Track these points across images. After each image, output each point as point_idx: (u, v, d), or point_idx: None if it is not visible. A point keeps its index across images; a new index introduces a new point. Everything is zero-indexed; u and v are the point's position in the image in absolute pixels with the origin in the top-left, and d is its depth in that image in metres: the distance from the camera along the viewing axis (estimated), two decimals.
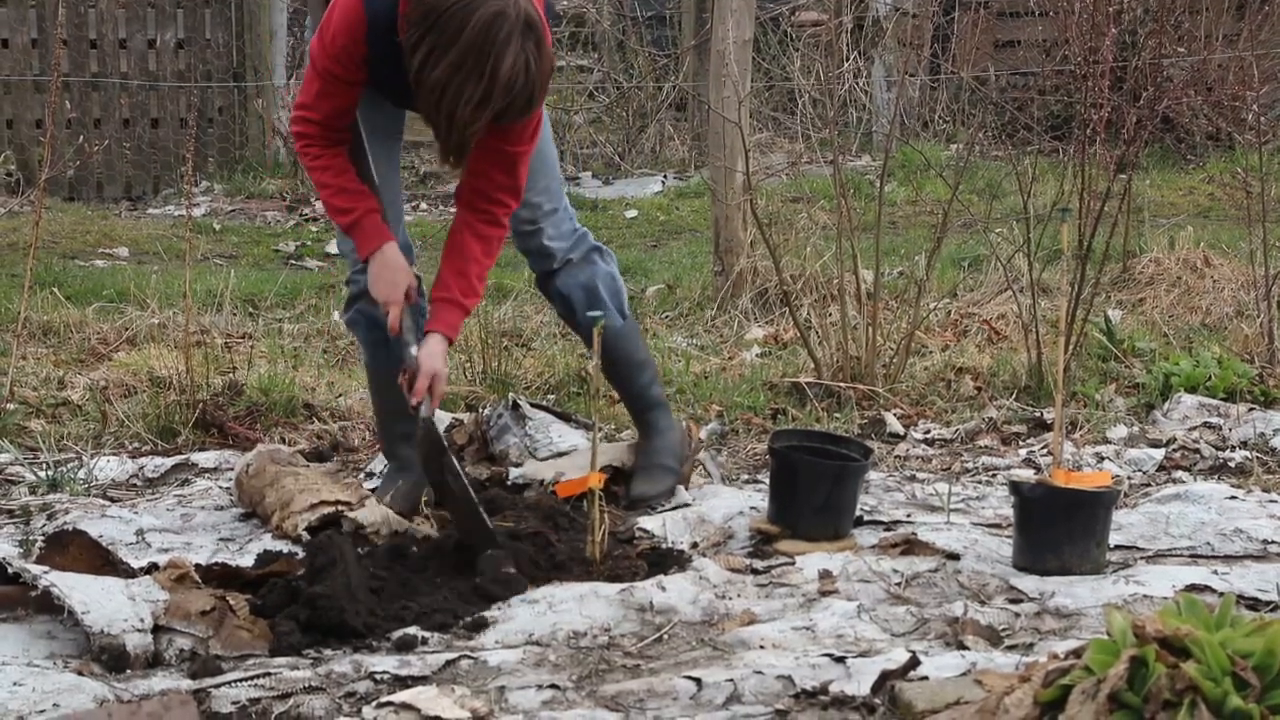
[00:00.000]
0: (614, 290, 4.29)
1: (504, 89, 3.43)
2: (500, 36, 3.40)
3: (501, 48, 3.40)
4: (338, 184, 3.83)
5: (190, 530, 4.22)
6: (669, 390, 4.70)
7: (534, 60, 3.46)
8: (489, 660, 3.16)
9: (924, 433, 5.16)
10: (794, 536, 3.95)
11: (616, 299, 4.29)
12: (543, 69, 3.50)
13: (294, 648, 3.24)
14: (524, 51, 3.42)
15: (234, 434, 5.05)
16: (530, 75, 3.46)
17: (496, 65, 3.41)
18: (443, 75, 3.43)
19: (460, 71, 3.42)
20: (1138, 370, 5.62)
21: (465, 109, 3.44)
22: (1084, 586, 3.56)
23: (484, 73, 3.41)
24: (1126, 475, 4.61)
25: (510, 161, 3.77)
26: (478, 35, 3.40)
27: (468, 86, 3.42)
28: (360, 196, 3.82)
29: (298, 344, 6.34)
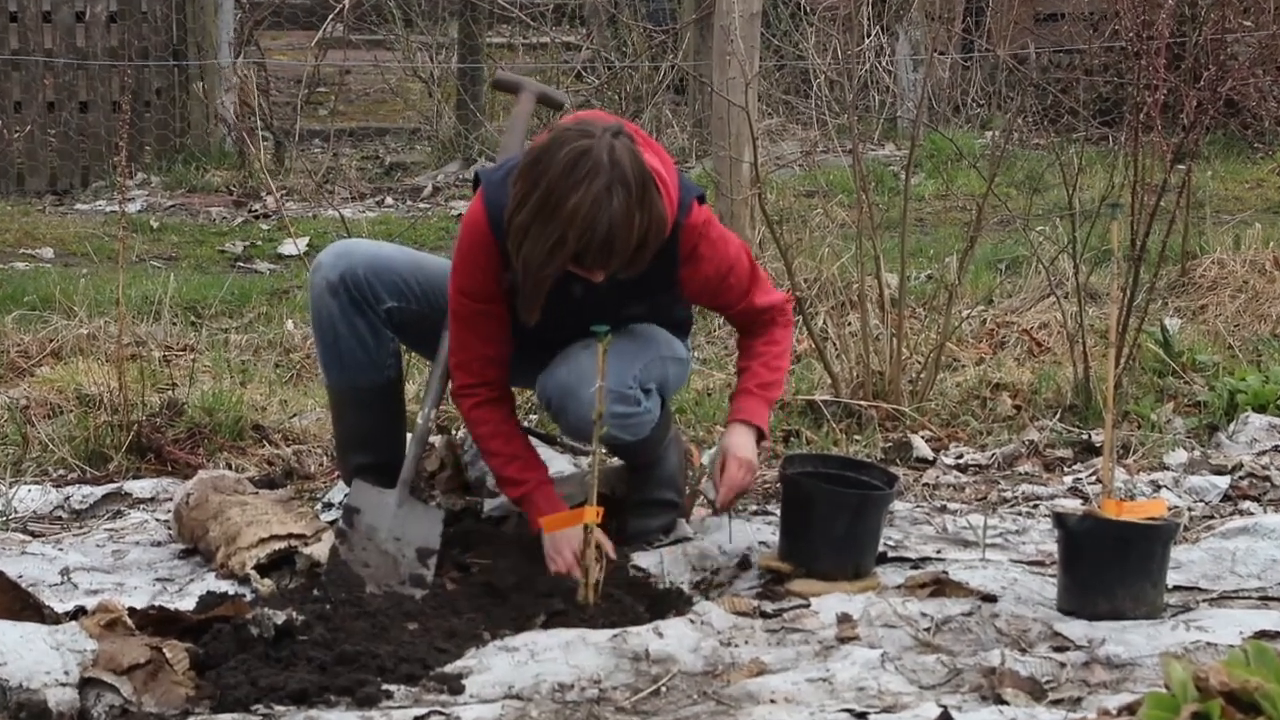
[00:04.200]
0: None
1: (575, 228, 3.63)
2: (579, 174, 3.63)
3: (576, 184, 3.63)
4: (508, 452, 4.10)
5: (123, 569, 4.21)
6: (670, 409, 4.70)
7: (618, 202, 3.63)
8: (463, 717, 3.15)
9: (956, 458, 5.15)
10: (809, 575, 3.94)
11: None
12: (626, 214, 3.64)
13: (241, 703, 3.23)
14: (607, 193, 3.62)
15: (173, 459, 5.04)
16: (607, 217, 3.63)
17: (563, 200, 3.63)
18: (525, 218, 3.68)
19: (538, 210, 3.66)
20: (1199, 387, 5.62)
21: (536, 247, 3.68)
22: (1139, 633, 3.55)
23: (554, 207, 3.64)
24: (1186, 506, 4.61)
25: (744, 314, 4.18)
26: (558, 170, 3.64)
27: (537, 223, 3.66)
28: (531, 466, 4.09)
29: (246, 357, 6.33)
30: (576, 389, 3.93)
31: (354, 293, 4.21)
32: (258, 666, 3.36)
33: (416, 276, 4.27)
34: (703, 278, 4.02)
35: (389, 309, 4.24)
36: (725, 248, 4.05)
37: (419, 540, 4.05)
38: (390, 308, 4.24)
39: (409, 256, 4.36)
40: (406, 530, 4.07)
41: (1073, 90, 9.96)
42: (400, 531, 4.06)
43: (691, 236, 3.95)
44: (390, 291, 4.24)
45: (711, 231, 4.01)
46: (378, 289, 4.23)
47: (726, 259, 4.04)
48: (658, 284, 3.99)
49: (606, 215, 3.63)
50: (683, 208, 3.91)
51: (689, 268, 3.99)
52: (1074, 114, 8.78)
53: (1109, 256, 4.94)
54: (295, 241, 7.77)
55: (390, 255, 4.31)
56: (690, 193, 3.96)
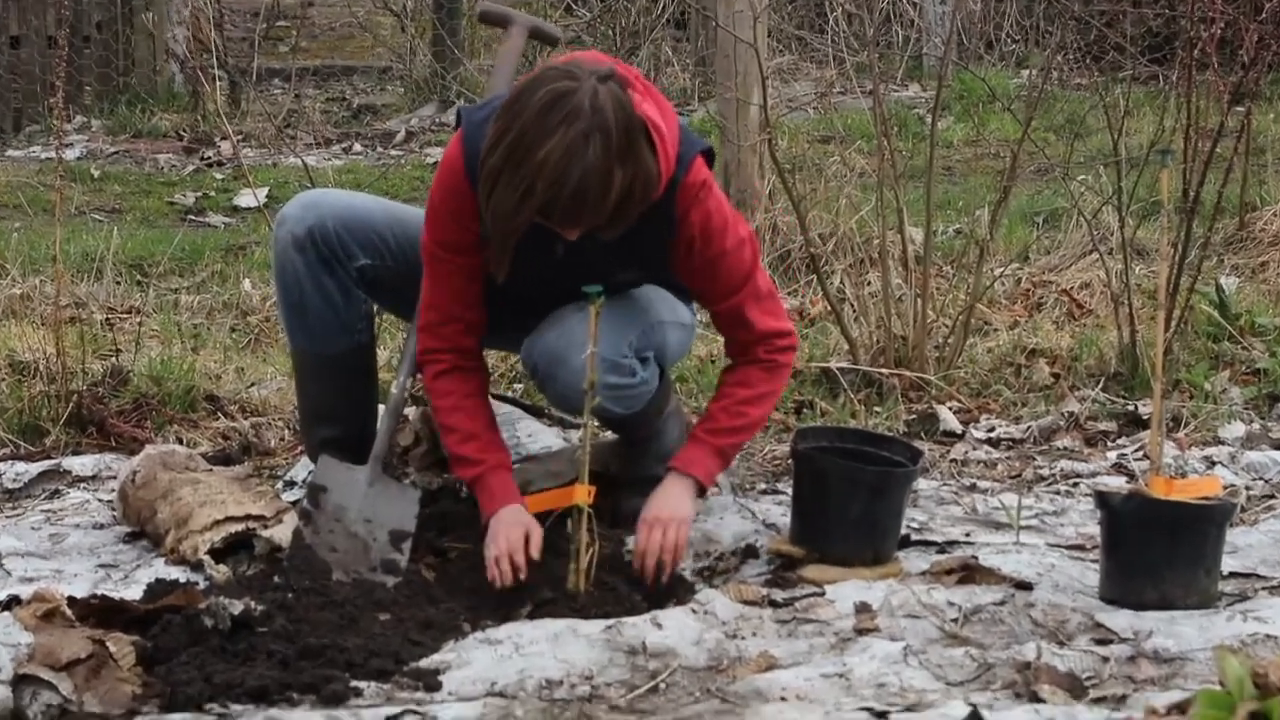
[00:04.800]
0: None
1: (543, 178, 3.59)
2: (554, 118, 3.59)
3: (550, 130, 3.58)
4: (467, 429, 4.05)
5: (61, 554, 4.21)
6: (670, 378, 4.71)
7: (594, 153, 3.58)
8: (440, 716, 3.15)
9: (987, 431, 5.16)
10: (823, 560, 3.94)
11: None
12: (602, 167, 3.59)
13: (193, 702, 3.23)
14: (583, 141, 3.57)
15: (117, 433, 5.04)
16: (580, 168, 3.58)
17: (534, 146, 3.59)
18: (496, 162, 3.65)
19: (508, 155, 3.62)
20: (1258, 353, 5.62)
21: (505, 196, 3.64)
22: (1190, 624, 3.55)
23: (525, 153, 3.60)
24: (1244, 484, 4.61)
25: (731, 318, 4.08)
26: (533, 113, 3.60)
27: (508, 169, 3.63)
28: (491, 448, 4.05)
29: (198, 321, 6.33)
30: (565, 355, 3.92)
31: (323, 248, 4.20)
32: (212, 661, 3.36)
33: (393, 230, 4.25)
34: (692, 247, 3.94)
35: (361, 267, 4.23)
36: (724, 224, 3.97)
37: (392, 522, 4.05)
38: (363, 265, 4.23)
39: (384, 208, 4.35)
40: (378, 511, 4.07)
41: (1119, 24, 9.94)
42: (371, 512, 4.06)
43: (688, 197, 3.89)
44: (363, 247, 4.23)
45: (710, 199, 3.93)
46: (349, 244, 4.22)
47: (723, 235, 3.96)
48: (651, 249, 3.96)
49: (579, 166, 3.58)
50: (682, 163, 3.85)
51: (681, 235, 3.93)
52: (1120, 50, 8.76)
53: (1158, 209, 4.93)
54: (253, 192, 7.76)
55: (364, 207, 4.30)
56: (693, 147, 3.90)
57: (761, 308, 4.07)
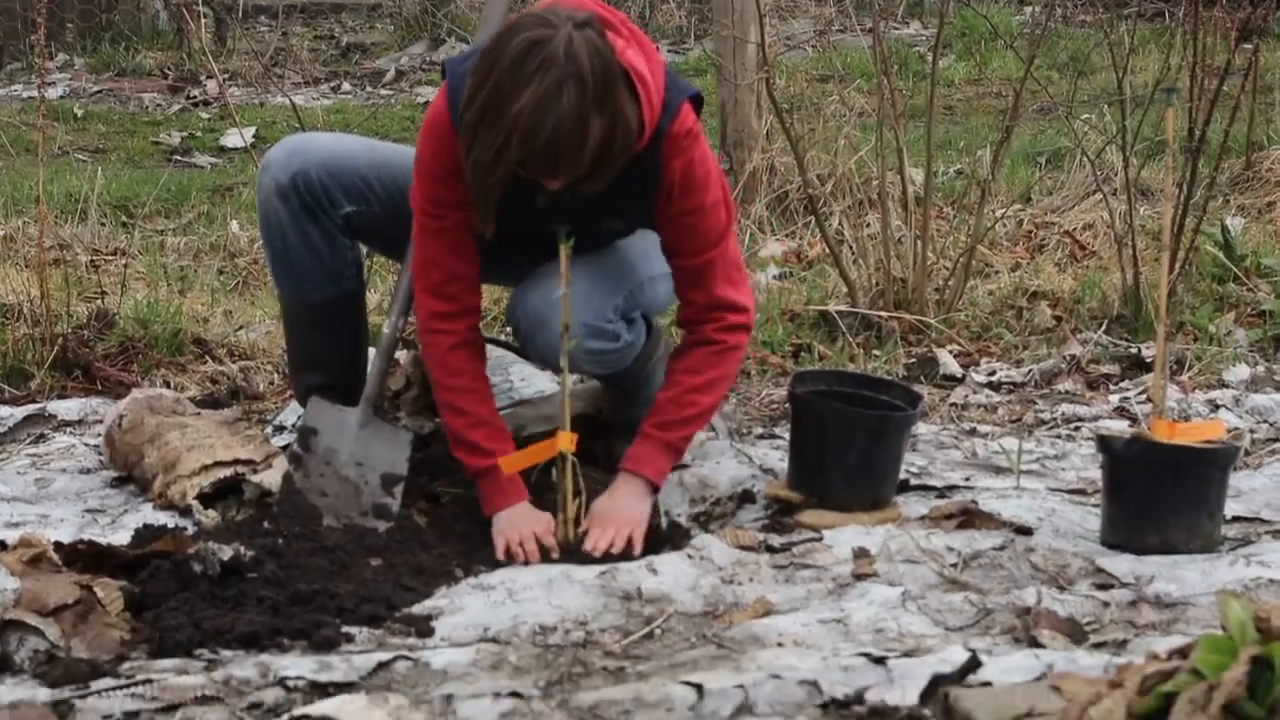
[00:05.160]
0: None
1: (518, 132, 3.55)
2: (528, 68, 3.54)
3: (524, 81, 3.54)
4: (480, 414, 3.97)
5: (48, 499, 4.22)
6: (660, 322, 4.70)
7: (567, 102, 3.54)
8: (432, 662, 3.16)
9: (988, 375, 5.16)
10: (821, 505, 3.95)
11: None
12: (577, 117, 3.55)
13: (182, 647, 3.24)
14: (556, 90, 3.53)
15: (103, 377, 5.04)
16: (554, 118, 3.53)
17: (509, 98, 3.55)
18: (473, 117, 3.60)
19: (485, 109, 3.58)
20: (1264, 294, 5.62)
21: (484, 152, 3.60)
22: (1192, 569, 3.57)
23: (499, 106, 3.56)
24: (1248, 428, 4.62)
25: (693, 276, 3.98)
26: (506, 64, 3.57)
27: (484, 124, 3.59)
28: (500, 436, 3.98)
29: (185, 263, 6.32)
30: (546, 318, 3.88)
31: (306, 197, 4.17)
32: (201, 607, 3.37)
33: (380, 175, 4.21)
34: (671, 196, 3.88)
35: (347, 214, 4.20)
36: (706, 177, 3.91)
37: (384, 466, 4.05)
38: (348, 213, 4.20)
39: (371, 151, 4.31)
40: (370, 454, 4.07)
41: None
42: (363, 456, 4.06)
43: (673, 145, 3.84)
44: (349, 194, 4.19)
45: (694, 149, 3.87)
46: (334, 192, 4.18)
47: (703, 189, 3.91)
48: (636, 199, 3.91)
49: (553, 116, 3.53)
50: (668, 111, 3.80)
51: (662, 183, 3.87)
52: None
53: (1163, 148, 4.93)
54: (240, 132, 7.75)
55: (350, 151, 4.26)
56: (680, 93, 3.84)
57: (726, 274, 3.98)
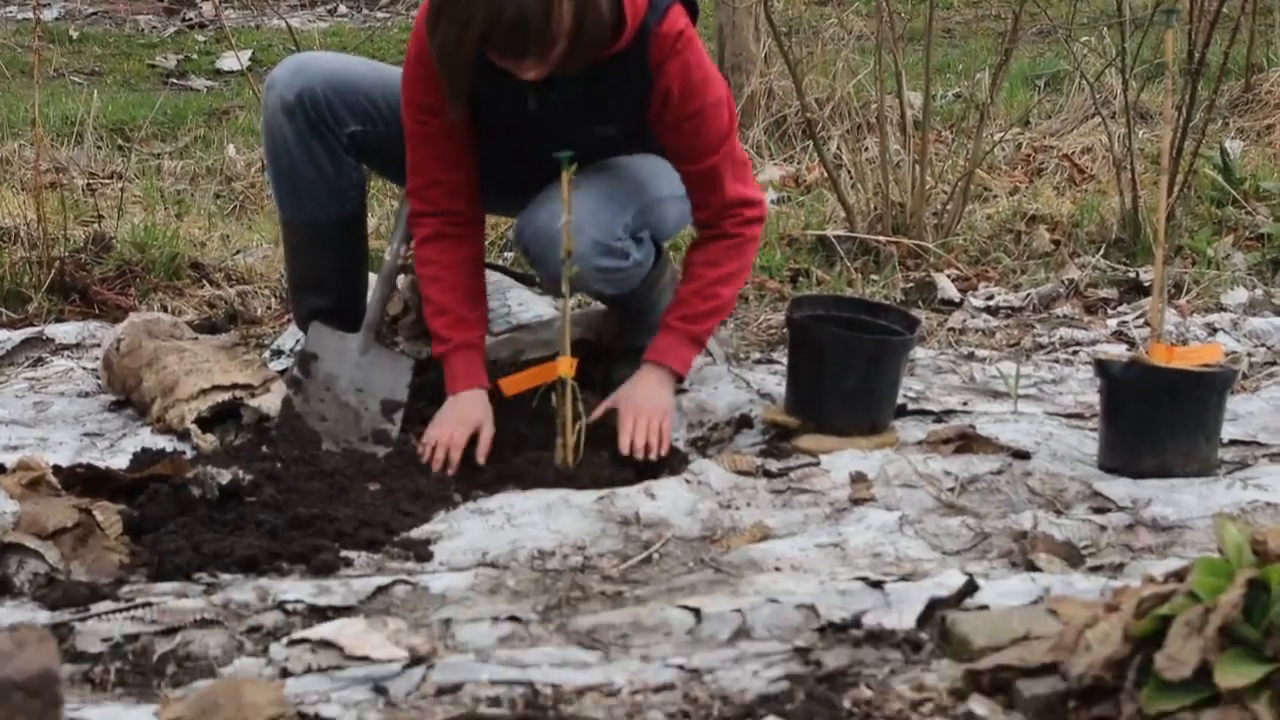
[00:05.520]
0: None
1: (481, 5, 3.52)
2: None
3: None
4: (442, 302, 4.02)
5: (46, 422, 4.21)
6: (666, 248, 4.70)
7: None
8: (431, 586, 3.16)
9: (986, 299, 5.15)
10: (819, 430, 3.95)
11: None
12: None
13: (181, 571, 3.25)
14: None
15: (101, 301, 5.02)
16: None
17: None
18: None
19: None
20: (1262, 217, 5.61)
21: (449, 30, 3.60)
22: (1189, 492, 3.57)
23: None
24: (1246, 351, 4.62)
25: (703, 180, 3.99)
26: None
27: (447, 3, 3.59)
28: (461, 325, 4.00)
29: (182, 186, 6.30)
30: (557, 239, 3.87)
31: (312, 114, 4.16)
32: (200, 531, 3.37)
33: (384, 94, 4.20)
34: (668, 101, 3.88)
35: (352, 133, 4.20)
36: (705, 80, 3.91)
37: (384, 391, 4.05)
38: (353, 131, 4.19)
39: (375, 72, 4.30)
40: (370, 380, 4.06)
41: None
42: (363, 382, 4.05)
43: (663, 47, 3.82)
44: (354, 113, 4.19)
45: (689, 52, 3.87)
46: (339, 110, 4.18)
47: (702, 91, 3.90)
48: (626, 102, 3.90)
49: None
50: (655, 9, 3.80)
51: (657, 86, 3.86)
52: None
53: (1162, 71, 4.90)
54: (236, 55, 7.69)
55: (354, 71, 4.25)
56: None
57: (735, 173, 4.02)
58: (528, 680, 2.69)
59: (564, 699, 2.63)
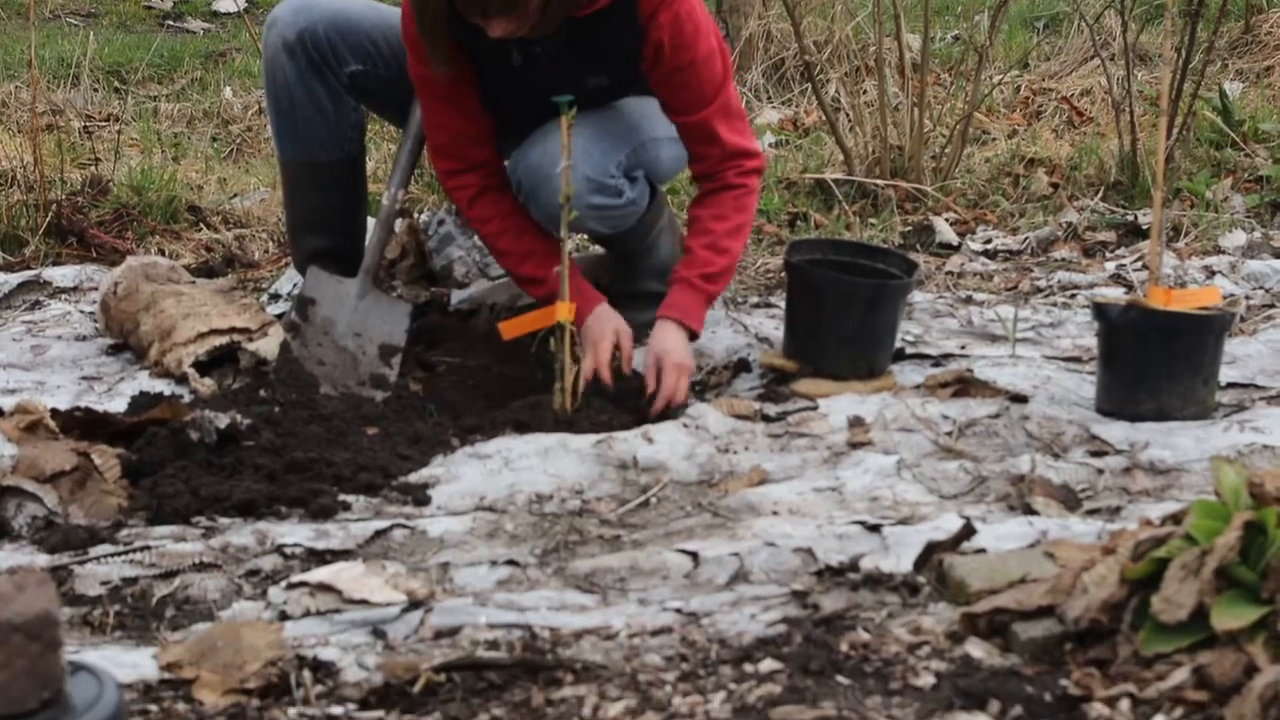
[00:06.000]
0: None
1: None
2: None
3: None
4: (521, 249, 3.98)
5: (44, 366, 4.21)
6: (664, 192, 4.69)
7: None
8: (429, 530, 3.17)
9: (984, 242, 5.14)
10: (816, 374, 3.95)
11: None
12: None
13: (180, 515, 3.25)
14: None
15: (98, 244, 5.02)
16: None
17: None
18: None
19: None
20: (1261, 160, 5.59)
21: None
22: (1186, 435, 3.57)
23: None
24: (1244, 294, 4.61)
25: (698, 132, 3.98)
26: None
27: None
28: (549, 260, 3.90)
29: (178, 129, 6.28)
30: (549, 174, 3.87)
31: (313, 53, 4.15)
32: (198, 475, 3.37)
33: (385, 35, 4.19)
34: (660, 53, 3.86)
35: (353, 73, 4.19)
36: (696, 31, 3.90)
37: (382, 336, 4.05)
38: (354, 71, 4.19)
39: (375, 11, 4.28)
40: (368, 324, 4.06)
41: None
42: (361, 326, 4.05)
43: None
44: (355, 53, 4.18)
45: (679, 3, 3.85)
46: (340, 49, 4.17)
47: (694, 42, 3.89)
48: (616, 53, 3.89)
49: None
50: None
51: (649, 38, 3.85)
52: None
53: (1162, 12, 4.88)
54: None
55: (355, 10, 4.24)
56: None
57: (731, 125, 4.00)
58: (526, 623, 2.70)
59: (562, 642, 2.63)
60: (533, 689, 2.46)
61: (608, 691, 2.42)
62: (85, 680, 1.83)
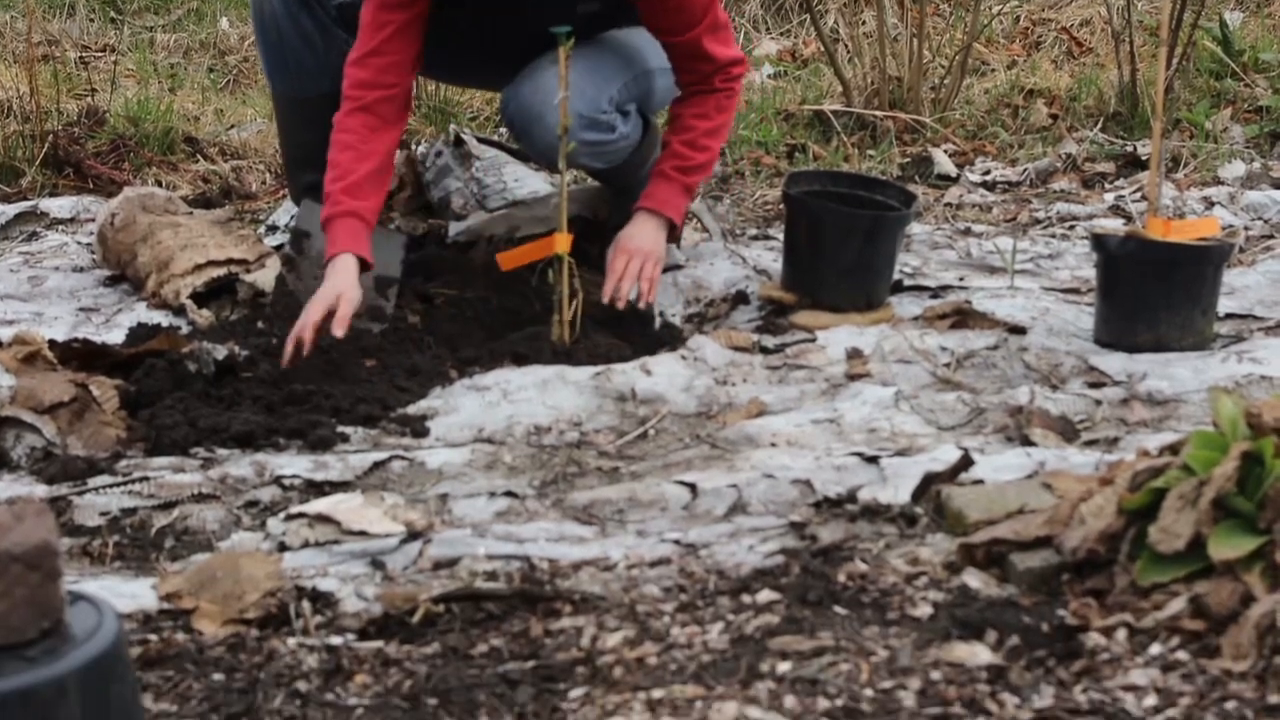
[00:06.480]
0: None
1: None
2: None
3: None
4: (347, 167, 3.84)
5: (41, 297, 4.21)
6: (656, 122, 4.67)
7: None
8: (427, 462, 3.17)
9: (983, 174, 5.13)
10: (815, 306, 3.94)
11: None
12: None
13: (178, 446, 3.25)
14: None
15: (95, 175, 5.00)
16: None
17: None
18: None
19: None
20: (1261, 90, 5.57)
21: None
22: (1184, 366, 3.57)
23: None
24: (1243, 225, 4.60)
25: (688, 50, 3.97)
26: None
27: None
28: (360, 193, 3.82)
29: (175, 60, 6.25)
30: (541, 112, 3.83)
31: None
32: (196, 406, 3.37)
33: None
34: None
35: (340, 5, 4.15)
36: None
37: (378, 268, 4.03)
38: (341, 3, 4.15)
39: None
40: None
41: None
42: None
43: None
44: None
45: None
46: None
47: None
48: None
49: None
50: None
51: None
52: None
53: None
54: None
55: None
56: None
57: (718, 38, 4.01)
58: (524, 555, 2.70)
59: (560, 573, 2.64)
60: (531, 620, 2.46)
61: (606, 622, 2.43)
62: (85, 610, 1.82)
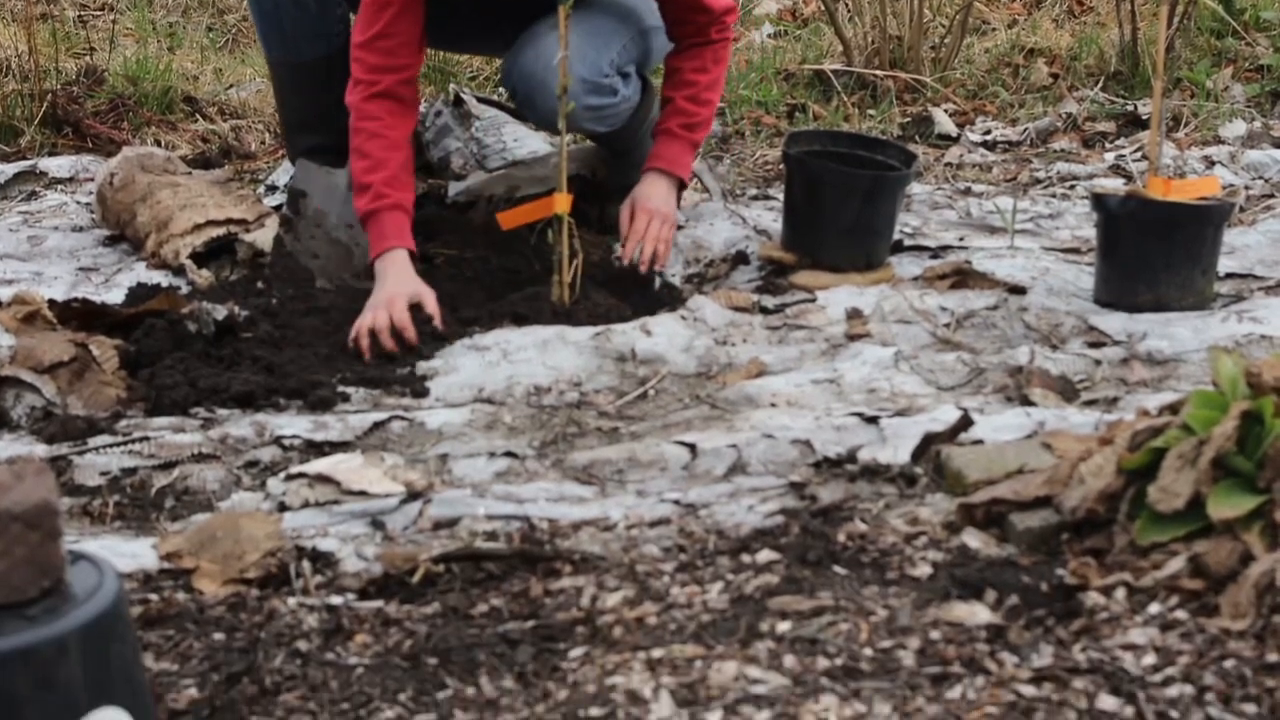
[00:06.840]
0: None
1: None
2: None
3: None
4: (380, 157, 3.79)
5: (40, 257, 4.20)
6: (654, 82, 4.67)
7: None
8: (427, 422, 3.17)
9: (983, 133, 5.12)
10: (815, 266, 3.94)
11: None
12: None
13: (178, 406, 3.25)
14: None
15: (94, 134, 4.99)
16: None
17: None
18: None
19: None
20: (1262, 48, 5.56)
21: None
22: (1184, 325, 3.56)
23: None
24: (1243, 184, 4.60)
25: (688, 5, 4.02)
26: None
27: None
28: (398, 185, 3.79)
29: (174, 19, 6.23)
30: (544, 79, 3.81)
31: None
32: (196, 366, 3.37)
33: None
34: None
35: None
36: None
37: None
38: None
39: None
40: None
41: None
42: (353, 218, 4.02)
43: None
44: None
45: None
46: None
47: None
48: None
49: None
50: None
51: None
52: None
53: None
54: None
55: None
56: None
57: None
58: (524, 515, 2.70)
59: (560, 533, 2.64)
60: (531, 579, 2.46)
61: (606, 582, 2.43)
62: (85, 569, 1.82)
